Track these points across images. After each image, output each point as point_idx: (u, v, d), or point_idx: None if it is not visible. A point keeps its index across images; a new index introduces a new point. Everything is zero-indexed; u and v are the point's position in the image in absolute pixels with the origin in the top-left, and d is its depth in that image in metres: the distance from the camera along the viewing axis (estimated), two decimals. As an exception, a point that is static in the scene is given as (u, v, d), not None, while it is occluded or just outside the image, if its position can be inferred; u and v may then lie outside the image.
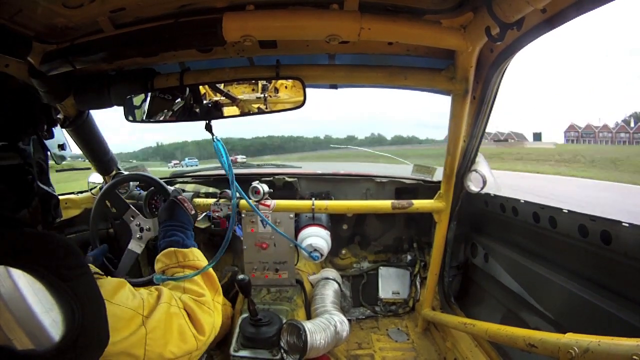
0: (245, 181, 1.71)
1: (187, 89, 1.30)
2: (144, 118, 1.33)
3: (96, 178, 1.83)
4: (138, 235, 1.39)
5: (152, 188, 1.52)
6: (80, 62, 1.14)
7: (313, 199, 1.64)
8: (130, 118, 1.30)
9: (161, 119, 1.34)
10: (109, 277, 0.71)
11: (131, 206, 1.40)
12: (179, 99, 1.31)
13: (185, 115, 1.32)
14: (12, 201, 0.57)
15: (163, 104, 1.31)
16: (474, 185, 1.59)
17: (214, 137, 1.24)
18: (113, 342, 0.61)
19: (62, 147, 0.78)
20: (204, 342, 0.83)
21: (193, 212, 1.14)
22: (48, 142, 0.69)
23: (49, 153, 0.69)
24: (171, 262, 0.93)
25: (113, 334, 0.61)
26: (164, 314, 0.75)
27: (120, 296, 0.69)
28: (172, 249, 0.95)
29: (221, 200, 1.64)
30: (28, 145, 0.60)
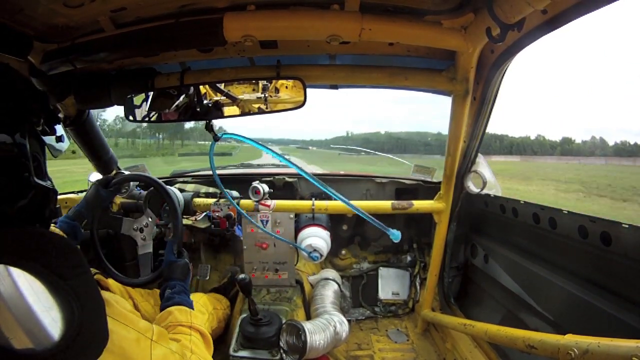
0: (245, 181, 1.71)
1: (191, 88, 1.30)
2: (146, 116, 1.33)
3: (96, 177, 1.83)
4: (142, 237, 1.38)
5: (152, 188, 1.52)
6: (81, 62, 1.14)
7: (313, 199, 1.64)
8: (131, 117, 1.30)
9: (162, 118, 1.34)
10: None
11: (122, 217, 1.40)
12: (181, 98, 1.31)
13: (186, 114, 1.32)
14: (8, 193, 0.57)
15: (165, 103, 1.31)
16: (474, 186, 1.60)
17: (215, 137, 1.24)
18: None
19: (59, 139, 0.77)
20: None
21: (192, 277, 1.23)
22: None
23: (45, 147, 0.68)
24: (185, 320, 0.96)
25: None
26: None
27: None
28: (188, 309, 1.00)
29: (221, 200, 1.64)
30: (24, 138, 0.60)
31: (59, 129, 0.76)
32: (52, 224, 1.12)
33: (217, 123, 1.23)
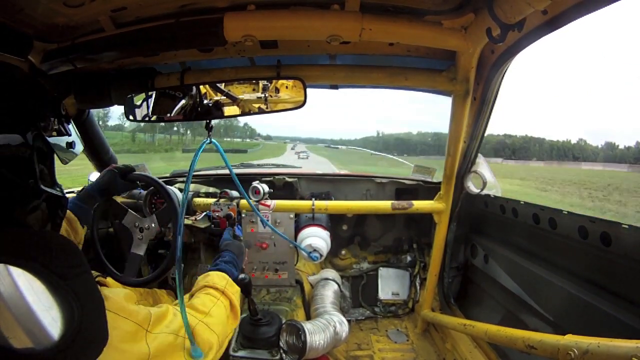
0: (245, 181, 1.71)
1: (193, 88, 1.30)
2: (146, 116, 1.33)
3: (96, 177, 1.83)
4: (139, 237, 1.38)
5: (152, 188, 1.52)
6: (81, 61, 1.15)
7: (313, 199, 1.64)
8: (131, 117, 1.30)
9: (163, 117, 1.34)
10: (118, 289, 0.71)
11: (129, 209, 1.40)
12: (186, 98, 1.31)
13: (186, 114, 1.32)
14: (19, 193, 0.57)
15: (166, 103, 1.31)
16: (474, 186, 1.60)
17: (210, 137, 1.23)
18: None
19: (70, 145, 0.76)
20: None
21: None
22: (55, 140, 0.68)
23: (53, 152, 0.68)
24: (219, 285, 0.96)
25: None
26: (168, 346, 0.73)
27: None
28: (227, 276, 1.02)
29: (221, 200, 1.64)
30: (34, 140, 0.60)
31: (73, 135, 0.75)
32: None
33: (243, 120, 1.22)
